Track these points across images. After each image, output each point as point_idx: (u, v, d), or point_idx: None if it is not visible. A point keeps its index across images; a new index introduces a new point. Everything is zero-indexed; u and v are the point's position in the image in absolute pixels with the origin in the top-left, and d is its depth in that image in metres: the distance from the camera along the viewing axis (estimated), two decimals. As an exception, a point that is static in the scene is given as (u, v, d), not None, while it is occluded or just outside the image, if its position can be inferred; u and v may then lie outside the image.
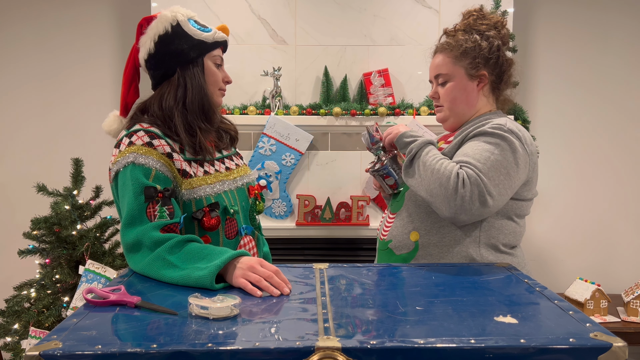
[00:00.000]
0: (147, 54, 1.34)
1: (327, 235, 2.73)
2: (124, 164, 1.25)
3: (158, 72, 1.36)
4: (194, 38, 1.34)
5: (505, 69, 1.52)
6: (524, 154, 1.38)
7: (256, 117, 2.65)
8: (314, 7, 2.72)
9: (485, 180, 1.31)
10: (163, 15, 1.34)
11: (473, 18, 1.51)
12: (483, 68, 1.48)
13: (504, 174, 1.34)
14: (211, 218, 1.30)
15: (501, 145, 1.36)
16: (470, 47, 1.47)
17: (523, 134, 1.41)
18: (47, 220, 2.36)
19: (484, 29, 1.49)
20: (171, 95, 1.33)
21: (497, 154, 1.34)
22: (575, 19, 3.01)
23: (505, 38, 1.52)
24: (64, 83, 3.06)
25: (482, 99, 1.51)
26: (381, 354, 0.79)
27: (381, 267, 1.30)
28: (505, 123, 1.40)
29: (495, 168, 1.33)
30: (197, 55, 1.35)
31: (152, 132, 1.28)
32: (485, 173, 1.32)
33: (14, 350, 2.32)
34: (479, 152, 1.35)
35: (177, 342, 0.81)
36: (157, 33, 1.32)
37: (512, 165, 1.35)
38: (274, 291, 1.06)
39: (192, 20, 1.36)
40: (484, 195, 1.30)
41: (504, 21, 1.53)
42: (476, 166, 1.32)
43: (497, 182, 1.33)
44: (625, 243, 3.12)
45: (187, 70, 1.35)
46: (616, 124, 3.07)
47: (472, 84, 1.49)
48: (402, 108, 2.65)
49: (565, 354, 0.79)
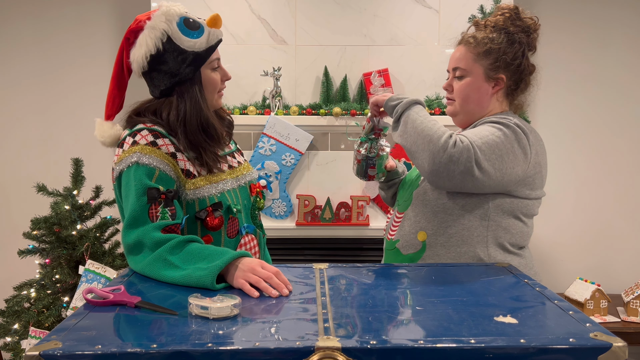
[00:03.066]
0: (140, 70, 1.31)
1: (327, 235, 2.73)
2: (127, 164, 1.24)
3: (155, 89, 1.34)
4: (187, 52, 1.28)
5: (525, 76, 1.47)
6: (525, 149, 1.36)
7: (256, 117, 2.65)
8: (314, 7, 2.72)
9: (477, 151, 1.28)
10: (150, 28, 1.27)
11: (507, 16, 1.44)
12: (502, 71, 1.44)
13: (498, 154, 1.31)
14: (215, 218, 1.30)
15: (503, 131, 1.34)
16: (494, 48, 1.42)
17: (530, 131, 1.40)
18: (47, 220, 2.35)
19: (513, 30, 1.43)
20: (172, 114, 1.30)
21: (496, 137, 1.33)
22: (576, 15, 3.00)
23: (533, 43, 1.46)
24: (63, 81, 3.06)
25: (495, 101, 1.48)
26: (381, 354, 0.79)
27: (381, 267, 1.30)
28: (513, 119, 1.39)
29: (491, 146, 1.31)
30: (193, 71, 1.31)
31: (157, 131, 1.27)
32: (479, 146, 1.29)
33: (14, 350, 2.32)
34: (478, 131, 1.34)
35: (177, 342, 0.81)
36: (148, 52, 1.28)
37: (509, 152, 1.33)
38: (272, 292, 1.06)
39: (182, 24, 1.29)
40: (471, 162, 1.27)
41: (537, 26, 1.46)
42: (471, 138, 1.30)
43: (489, 158, 1.30)
44: (626, 243, 3.12)
45: (183, 87, 1.31)
46: (617, 123, 3.06)
47: (487, 85, 1.45)
48: (402, 108, 2.65)
49: (565, 354, 0.79)
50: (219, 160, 1.36)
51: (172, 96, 1.32)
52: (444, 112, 2.63)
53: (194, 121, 1.31)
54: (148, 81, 1.36)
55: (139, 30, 1.30)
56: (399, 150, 2.63)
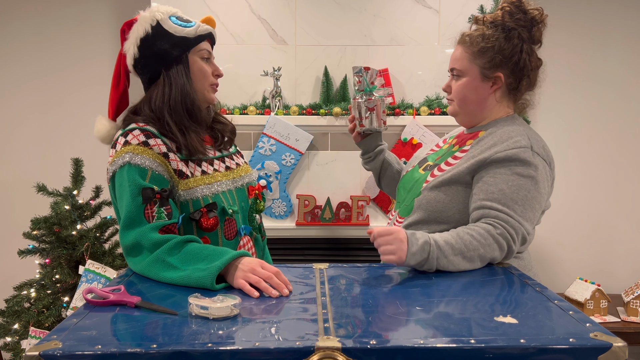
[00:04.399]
0: (132, 58, 1.33)
1: (327, 235, 2.73)
2: (120, 165, 1.24)
3: (145, 75, 1.35)
4: (175, 36, 1.31)
5: (527, 73, 1.40)
6: (551, 174, 1.37)
7: (256, 117, 2.65)
8: (314, 7, 2.72)
9: (524, 224, 1.27)
10: (142, 17, 1.33)
11: (506, 10, 1.37)
12: (499, 69, 1.38)
13: (537, 208, 1.31)
14: (209, 219, 1.29)
15: (533, 176, 1.30)
16: (489, 46, 1.37)
17: (547, 153, 1.37)
18: (47, 220, 2.35)
19: (512, 25, 1.36)
20: (159, 97, 1.32)
21: (528, 189, 1.28)
22: (577, 15, 3.00)
23: (536, 36, 1.39)
24: (64, 82, 3.06)
25: (494, 102, 1.43)
26: (381, 354, 0.79)
27: (381, 267, 1.29)
28: (529, 144, 1.32)
29: (530, 205, 1.28)
30: (180, 53, 1.33)
31: (148, 131, 1.27)
32: (523, 216, 1.27)
33: (14, 350, 2.32)
34: (514, 190, 1.28)
35: (177, 342, 0.81)
36: (139, 36, 1.31)
37: (542, 195, 1.32)
38: (272, 292, 1.06)
39: (173, 17, 1.33)
40: (525, 237, 1.29)
41: (542, 17, 1.38)
42: (512, 210, 1.26)
43: (533, 218, 1.30)
44: (626, 243, 3.12)
45: (171, 70, 1.33)
46: (617, 123, 3.06)
47: (485, 85, 1.41)
48: (402, 108, 2.65)
49: (565, 354, 0.79)
50: (203, 146, 1.35)
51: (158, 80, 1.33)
52: (445, 112, 2.63)
53: (179, 102, 1.32)
54: (140, 73, 1.36)
55: (132, 22, 1.34)
56: (399, 149, 2.63)
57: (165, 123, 1.30)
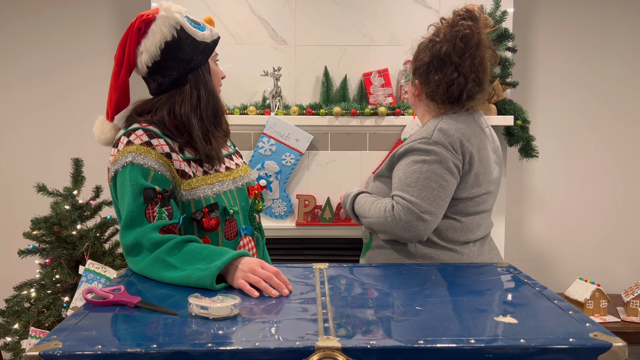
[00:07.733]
0: (151, 60, 1.28)
1: (327, 235, 2.73)
2: (122, 164, 1.23)
3: (165, 79, 1.31)
4: (198, 41, 1.31)
5: (438, 83, 1.48)
6: (454, 159, 1.41)
7: (256, 117, 2.65)
8: (314, 7, 2.72)
9: (418, 203, 1.38)
10: (164, 17, 1.27)
11: (445, 23, 1.49)
12: (416, 77, 1.55)
13: (437, 188, 1.39)
14: (210, 219, 1.29)
15: (427, 160, 1.40)
16: (415, 53, 1.54)
17: (451, 138, 1.42)
18: (47, 220, 2.35)
19: (436, 37, 1.49)
20: (186, 103, 1.30)
21: (426, 171, 1.39)
22: (575, 18, 3.01)
23: (457, 50, 1.44)
24: (64, 81, 3.06)
25: (422, 106, 1.57)
26: (381, 354, 0.79)
27: (381, 267, 1.30)
28: (430, 135, 1.43)
29: (427, 186, 1.38)
30: (204, 59, 1.33)
31: (151, 131, 1.26)
32: (417, 196, 1.38)
33: (14, 350, 2.32)
34: (408, 175, 1.42)
35: (177, 342, 0.82)
36: (164, 39, 1.27)
37: (443, 176, 1.40)
38: (272, 292, 1.06)
39: (186, 17, 1.32)
40: (420, 216, 1.38)
41: (473, 34, 1.44)
42: (406, 193, 1.40)
43: (432, 198, 1.38)
44: (625, 243, 3.12)
45: (198, 76, 1.33)
46: (616, 124, 3.07)
47: (413, 89, 1.58)
48: (402, 108, 2.64)
49: (565, 354, 0.79)
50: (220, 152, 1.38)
51: (183, 86, 1.32)
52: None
53: (210, 107, 1.34)
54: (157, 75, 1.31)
55: (150, 20, 1.29)
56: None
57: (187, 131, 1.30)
